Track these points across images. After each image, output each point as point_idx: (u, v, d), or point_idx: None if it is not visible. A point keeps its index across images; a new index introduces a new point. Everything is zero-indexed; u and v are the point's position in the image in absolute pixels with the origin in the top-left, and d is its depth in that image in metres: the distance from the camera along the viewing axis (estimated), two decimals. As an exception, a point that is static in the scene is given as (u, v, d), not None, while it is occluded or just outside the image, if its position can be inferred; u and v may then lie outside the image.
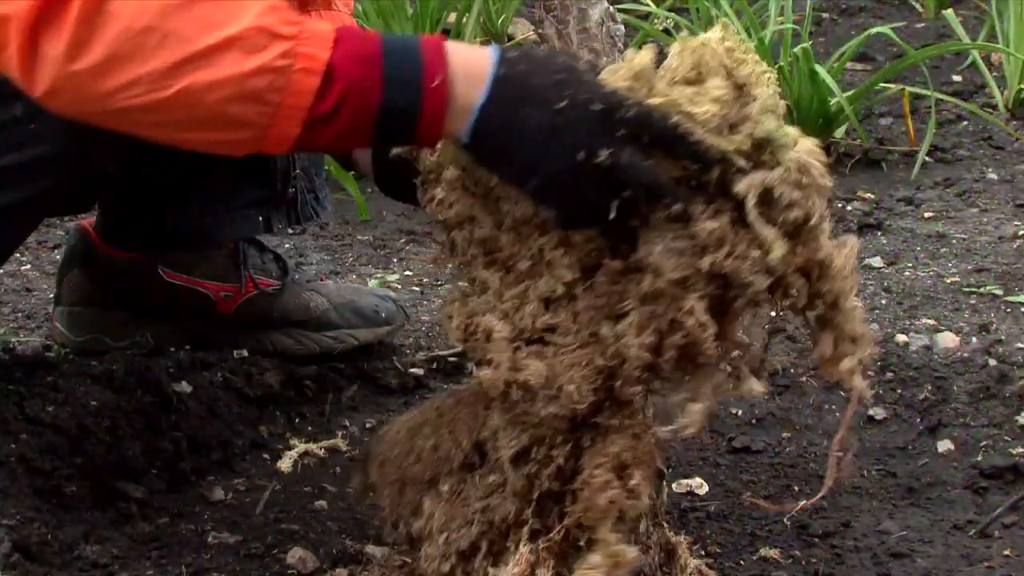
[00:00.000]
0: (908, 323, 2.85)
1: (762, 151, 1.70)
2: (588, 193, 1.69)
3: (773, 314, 1.78)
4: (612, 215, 1.68)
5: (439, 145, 1.81)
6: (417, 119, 1.71)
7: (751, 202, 1.68)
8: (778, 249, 1.68)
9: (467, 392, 1.89)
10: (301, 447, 2.36)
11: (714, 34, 1.74)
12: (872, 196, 3.69)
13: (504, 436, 1.79)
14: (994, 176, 3.79)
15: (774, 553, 2.10)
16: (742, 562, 2.09)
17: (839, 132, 3.94)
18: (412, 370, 2.68)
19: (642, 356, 1.71)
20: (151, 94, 1.68)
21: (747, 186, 1.68)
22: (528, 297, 1.77)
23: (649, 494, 1.77)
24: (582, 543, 1.76)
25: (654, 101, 1.71)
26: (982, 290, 3.03)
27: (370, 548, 2.09)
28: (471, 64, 1.71)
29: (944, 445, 2.44)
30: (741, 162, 1.69)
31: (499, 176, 1.77)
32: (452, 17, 4.39)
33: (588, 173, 1.68)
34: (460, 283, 1.86)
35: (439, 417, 1.89)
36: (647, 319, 1.71)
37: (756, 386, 1.76)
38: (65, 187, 2.01)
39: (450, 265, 1.88)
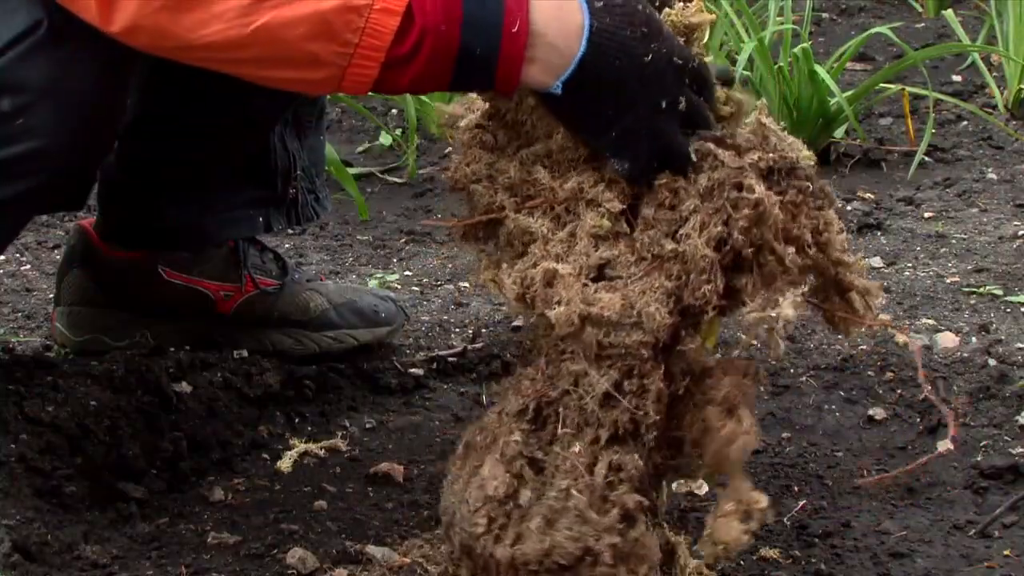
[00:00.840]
0: (908, 323, 2.85)
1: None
2: (668, 138, 1.79)
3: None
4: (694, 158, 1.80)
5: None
6: (495, 65, 1.72)
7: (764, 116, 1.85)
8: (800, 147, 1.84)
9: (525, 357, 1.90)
10: (301, 447, 2.37)
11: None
12: (872, 196, 3.69)
13: (588, 378, 1.79)
14: (994, 176, 3.80)
15: (774, 553, 2.10)
16: (742, 562, 2.09)
17: (839, 132, 3.95)
18: (412, 370, 2.68)
19: (708, 254, 1.76)
20: (230, 30, 1.70)
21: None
22: (578, 235, 1.81)
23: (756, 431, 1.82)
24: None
25: None
26: (982, 290, 3.03)
27: (370, 548, 2.09)
28: (563, 15, 1.73)
29: (944, 445, 2.44)
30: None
31: (578, 128, 1.81)
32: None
33: (671, 119, 1.78)
34: (482, 249, 1.87)
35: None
36: (710, 214, 1.77)
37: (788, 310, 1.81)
38: (55, 183, 2.01)
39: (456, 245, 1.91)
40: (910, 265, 3.21)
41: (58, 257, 3.07)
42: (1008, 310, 2.94)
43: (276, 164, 2.59)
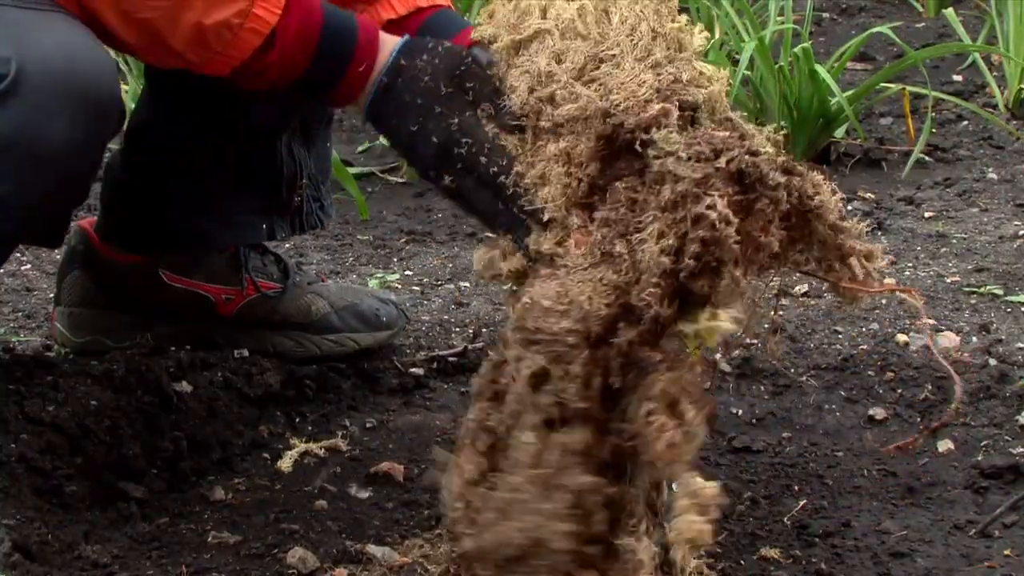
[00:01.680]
0: (908, 323, 2.85)
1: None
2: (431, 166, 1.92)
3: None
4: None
5: None
6: (331, 92, 2.00)
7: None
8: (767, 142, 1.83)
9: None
10: (301, 447, 2.37)
11: None
12: (872, 196, 3.69)
13: (519, 361, 1.81)
14: (994, 176, 3.80)
15: (774, 553, 2.10)
16: (742, 562, 2.09)
17: (839, 132, 3.95)
18: (412, 370, 2.68)
19: (661, 262, 1.75)
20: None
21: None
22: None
23: (703, 426, 1.79)
24: None
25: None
26: (982, 290, 3.03)
27: (370, 548, 2.09)
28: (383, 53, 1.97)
29: (944, 445, 2.44)
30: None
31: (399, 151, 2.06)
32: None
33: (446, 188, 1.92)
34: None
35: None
36: (668, 224, 1.76)
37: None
38: (26, 227, 2.02)
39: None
40: (910, 265, 3.21)
41: (58, 257, 3.07)
42: (1008, 310, 2.94)
43: (282, 171, 2.59)
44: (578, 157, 1.83)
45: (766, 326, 1.81)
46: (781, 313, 1.81)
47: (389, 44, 1.98)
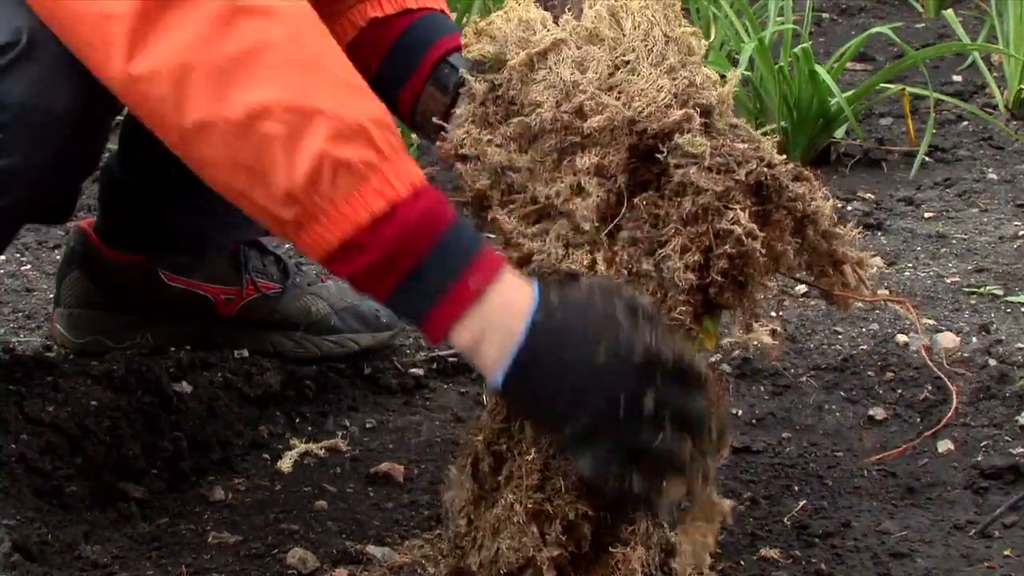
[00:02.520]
0: (908, 323, 2.85)
1: None
2: (632, 438, 1.67)
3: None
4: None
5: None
6: (430, 312, 1.70)
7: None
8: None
9: None
10: (301, 447, 2.37)
11: None
12: (872, 196, 3.69)
13: None
14: (994, 176, 3.80)
15: (774, 553, 2.10)
16: (742, 562, 2.09)
17: (839, 132, 3.95)
18: (412, 370, 2.68)
19: (688, 278, 1.75)
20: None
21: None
22: (548, 242, 1.80)
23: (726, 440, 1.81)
24: None
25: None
26: (982, 290, 3.03)
27: (370, 548, 2.09)
28: (512, 303, 1.69)
29: (944, 445, 2.44)
30: None
31: (533, 423, 1.77)
32: (452, 16, 4.39)
33: (632, 420, 1.66)
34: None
35: None
36: (691, 239, 1.76)
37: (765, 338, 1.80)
38: (34, 200, 2.00)
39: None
40: (910, 265, 3.21)
41: (58, 257, 3.07)
42: (1008, 310, 2.93)
43: None
44: (609, 169, 1.80)
45: (767, 327, 1.81)
46: (781, 314, 1.81)
47: (516, 288, 1.71)
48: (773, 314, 1.82)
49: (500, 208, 1.84)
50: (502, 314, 1.70)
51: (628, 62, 1.84)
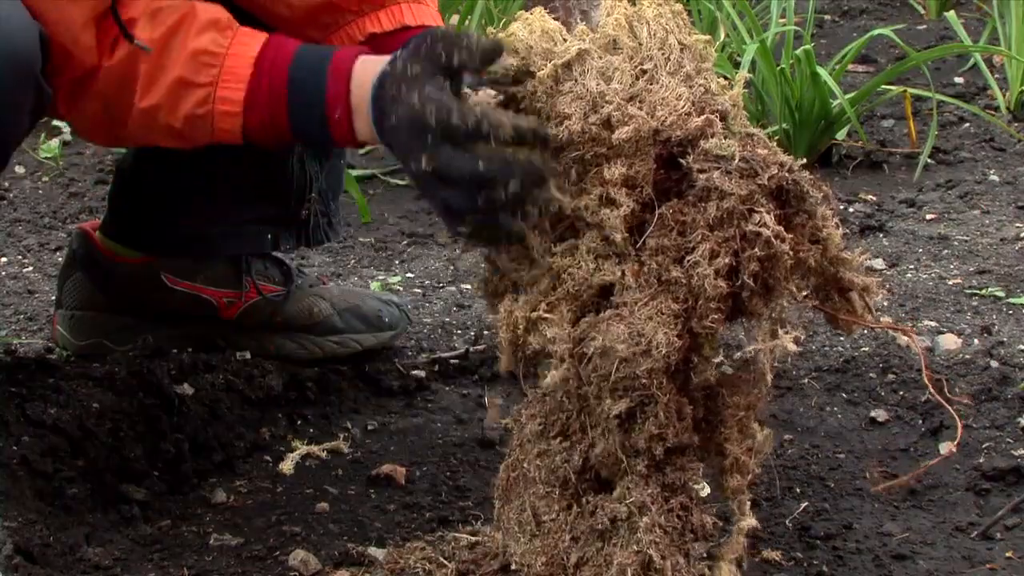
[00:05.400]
0: (910, 325, 2.85)
1: None
2: (435, 192, 1.85)
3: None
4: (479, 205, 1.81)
5: None
6: (328, 141, 2.02)
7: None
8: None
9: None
10: (303, 449, 2.36)
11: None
12: (874, 198, 3.69)
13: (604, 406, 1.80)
14: (996, 178, 3.79)
15: (776, 555, 2.10)
16: (744, 564, 2.08)
17: (841, 134, 3.94)
18: (414, 372, 2.68)
19: (718, 285, 1.75)
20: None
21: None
22: (579, 256, 1.81)
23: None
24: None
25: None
26: (984, 292, 3.03)
27: (372, 550, 2.09)
28: (364, 85, 1.95)
29: (946, 447, 2.44)
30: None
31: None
32: (455, 18, 4.39)
33: (424, 178, 1.83)
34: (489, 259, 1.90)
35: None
36: (719, 243, 1.76)
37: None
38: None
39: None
40: (912, 267, 3.21)
41: (60, 260, 3.07)
42: (1010, 312, 2.93)
43: (292, 183, 2.59)
44: (637, 180, 1.80)
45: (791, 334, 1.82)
46: (782, 315, 1.82)
47: (368, 77, 1.95)
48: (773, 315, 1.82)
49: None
50: (361, 100, 1.96)
51: (647, 71, 1.84)
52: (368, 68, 1.97)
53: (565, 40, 1.87)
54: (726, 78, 1.90)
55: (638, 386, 1.76)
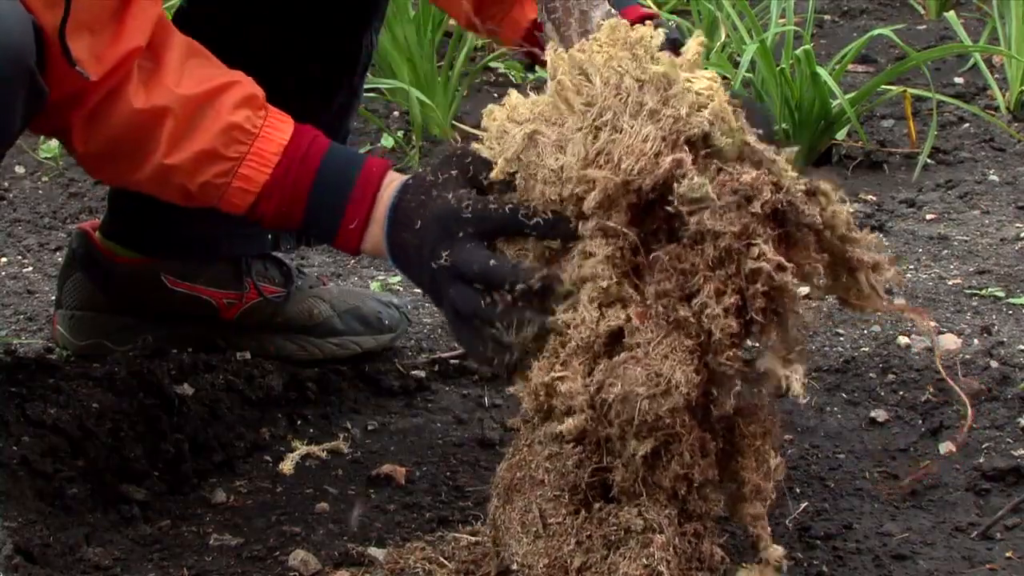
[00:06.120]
0: (910, 325, 2.85)
1: None
2: (445, 292, 1.86)
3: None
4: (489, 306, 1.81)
5: None
6: (330, 240, 2.04)
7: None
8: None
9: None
10: (303, 449, 2.36)
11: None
12: (874, 198, 3.69)
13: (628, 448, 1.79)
14: (996, 178, 3.79)
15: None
16: (744, 564, 2.08)
17: (841, 134, 3.94)
18: (414, 372, 2.68)
19: (729, 324, 1.75)
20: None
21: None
22: (580, 303, 1.80)
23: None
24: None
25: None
26: (984, 292, 3.03)
27: (372, 550, 2.09)
28: (384, 201, 1.98)
29: (946, 447, 2.44)
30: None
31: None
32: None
33: (440, 273, 1.86)
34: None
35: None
36: (722, 282, 1.75)
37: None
38: None
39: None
40: (912, 267, 3.21)
41: (60, 259, 3.07)
42: (1010, 312, 2.93)
43: None
44: (613, 230, 1.79)
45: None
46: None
47: (391, 189, 1.98)
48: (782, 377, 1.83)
49: None
50: (380, 215, 1.99)
51: (607, 122, 1.80)
52: (390, 184, 2.00)
53: (526, 118, 1.85)
54: (726, 78, 1.88)
55: (662, 426, 1.76)
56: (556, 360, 1.81)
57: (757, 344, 1.82)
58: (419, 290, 3.09)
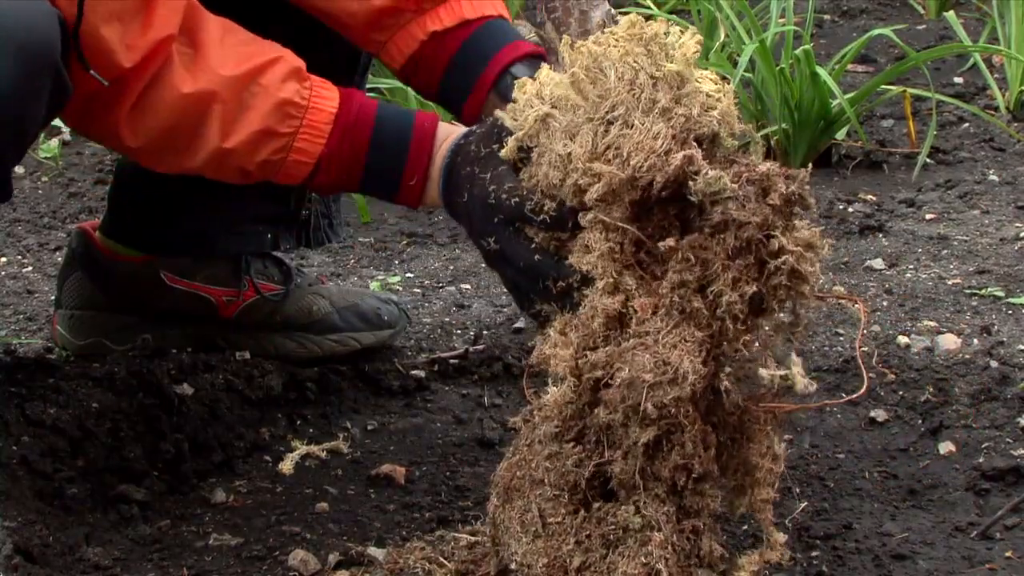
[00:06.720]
0: (909, 325, 2.85)
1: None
2: (504, 272, 1.94)
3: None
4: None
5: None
6: (391, 199, 2.11)
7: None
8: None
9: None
10: (302, 449, 2.36)
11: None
12: (873, 198, 3.69)
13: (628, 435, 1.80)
14: (995, 178, 3.79)
15: (775, 555, 2.10)
16: (744, 564, 2.08)
17: (840, 134, 3.94)
18: (413, 372, 2.68)
19: (744, 310, 1.77)
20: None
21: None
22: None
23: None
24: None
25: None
26: (983, 292, 3.03)
27: (372, 550, 2.09)
28: (439, 159, 2.04)
29: (945, 447, 2.44)
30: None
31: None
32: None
33: (494, 255, 1.93)
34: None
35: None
36: (740, 271, 1.77)
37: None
38: None
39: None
40: (911, 267, 3.21)
41: (59, 259, 3.07)
42: (1010, 312, 2.93)
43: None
44: (613, 224, 1.80)
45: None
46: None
47: (445, 147, 2.03)
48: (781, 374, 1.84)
49: None
50: (436, 172, 2.05)
51: (619, 116, 1.81)
52: (444, 141, 2.05)
53: (540, 103, 1.87)
54: (725, 78, 1.88)
55: (666, 414, 1.76)
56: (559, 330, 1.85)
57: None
58: (419, 290, 3.09)
